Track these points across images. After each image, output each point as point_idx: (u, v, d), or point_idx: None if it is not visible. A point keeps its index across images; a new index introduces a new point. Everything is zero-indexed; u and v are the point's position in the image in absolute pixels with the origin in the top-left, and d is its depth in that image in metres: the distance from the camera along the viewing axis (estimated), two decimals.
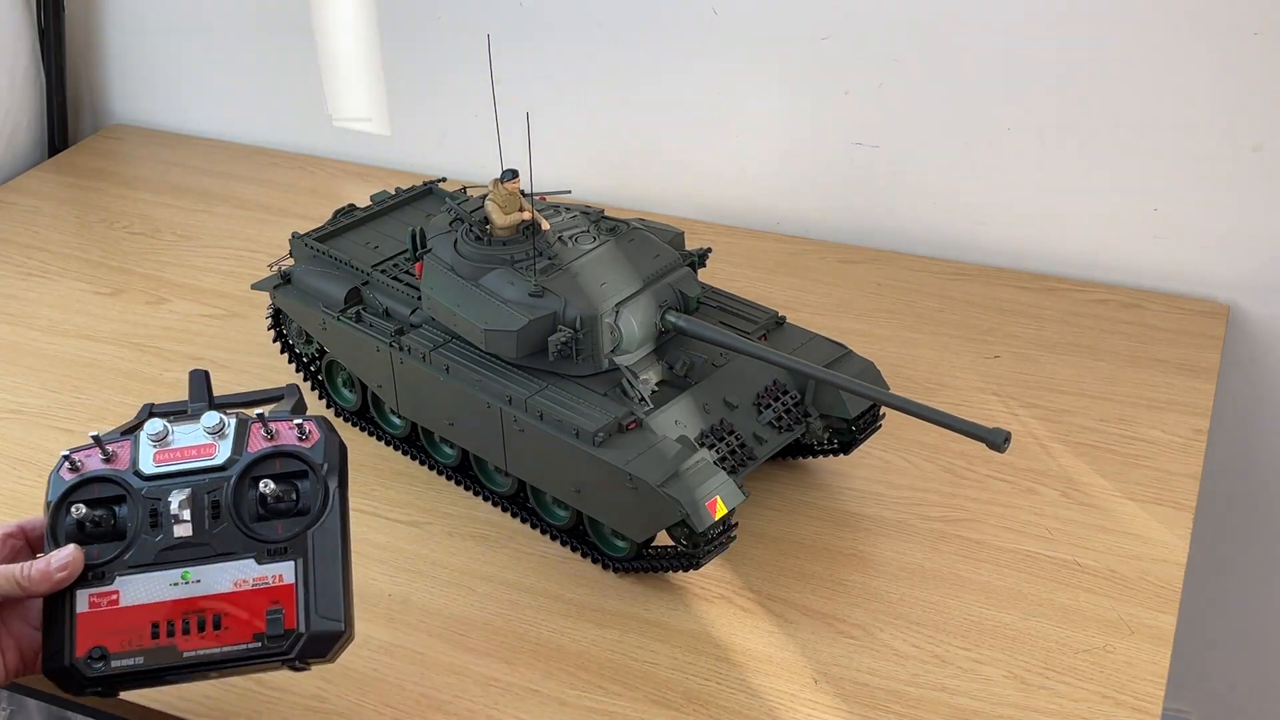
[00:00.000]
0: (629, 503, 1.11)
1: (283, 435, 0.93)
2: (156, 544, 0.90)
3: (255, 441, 0.93)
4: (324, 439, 0.93)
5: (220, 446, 0.92)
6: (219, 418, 0.93)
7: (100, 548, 0.90)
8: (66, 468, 0.92)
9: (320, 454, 0.92)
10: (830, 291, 1.60)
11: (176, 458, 0.92)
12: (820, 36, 1.60)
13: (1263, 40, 1.42)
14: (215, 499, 0.91)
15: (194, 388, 0.99)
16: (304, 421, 0.93)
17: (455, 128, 1.86)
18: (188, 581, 0.89)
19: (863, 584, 1.18)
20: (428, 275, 1.23)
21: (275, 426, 0.93)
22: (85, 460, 0.92)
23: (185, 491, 0.91)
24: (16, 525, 0.94)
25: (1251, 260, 1.53)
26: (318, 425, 0.93)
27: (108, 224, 1.83)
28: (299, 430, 0.93)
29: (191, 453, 0.92)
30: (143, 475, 0.92)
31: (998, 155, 1.59)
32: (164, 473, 0.92)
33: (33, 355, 1.54)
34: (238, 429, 0.93)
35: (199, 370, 1.00)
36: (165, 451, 0.93)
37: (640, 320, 1.17)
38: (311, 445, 0.92)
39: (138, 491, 0.91)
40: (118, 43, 2.05)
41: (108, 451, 0.93)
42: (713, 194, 1.76)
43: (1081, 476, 1.30)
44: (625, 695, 1.08)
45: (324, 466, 0.92)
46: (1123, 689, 1.07)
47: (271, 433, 0.93)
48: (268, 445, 0.92)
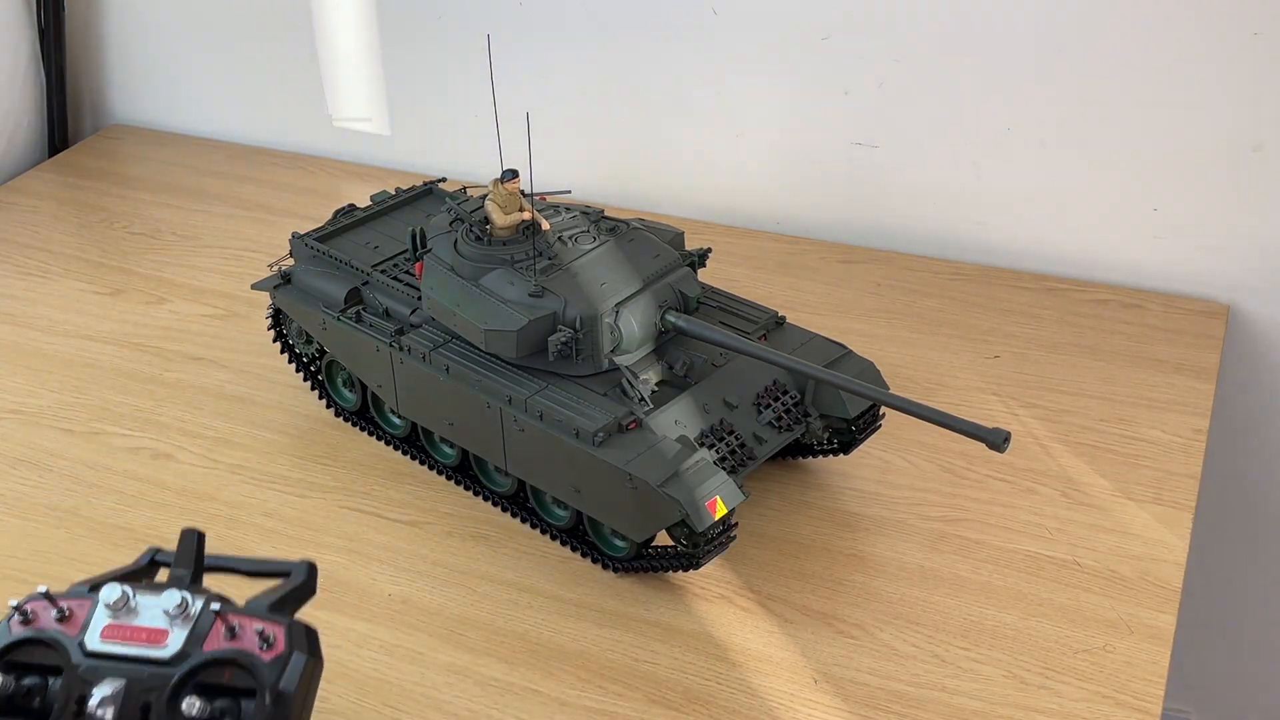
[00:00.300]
0: (629, 503, 1.11)
1: (244, 638, 0.77)
2: None
3: (214, 638, 0.77)
4: (286, 656, 0.76)
5: (173, 635, 0.77)
6: (181, 597, 0.78)
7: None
8: (18, 620, 0.79)
9: (275, 673, 0.75)
10: (830, 291, 1.60)
11: (125, 637, 0.78)
12: (820, 36, 1.60)
13: (1263, 40, 1.42)
14: (148, 700, 0.75)
15: (181, 550, 0.84)
16: (272, 626, 0.77)
17: (455, 128, 1.86)
18: None
19: (862, 584, 1.18)
20: (428, 275, 1.23)
21: (240, 623, 0.77)
22: (41, 613, 0.79)
23: (118, 683, 0.75)
24: None
25: (1251, 260, 1.53)
26: (290, 634, 0.77)
27: (108, 224, 1.83)
28: (261, 637, 0.76)
29: (141, 635, 0.78)
30: (85, 650, 0.78)
31: (998, 155, 1.59)
32: (106, 653, 0.77)
33: (33, 355, 1.54)
34: (200, 617, 0.78)
35: (192, 530, 0.85)
36: (117, 627, 0.78)
37: (640, 320, 1.17)
38: (270, 659, 0.76)
39: (75, 668, 0.77)
40: (118, 43, 2.05)
41: (62, 610, 0.79)
42: (713, 194, 1.76)
43: (1081, 476, 1.30)
44: (625, 695, 1.08)
45: (271, 692, 0.75)
46: (1122, 689, 1.07)
47: (234, 631, 0.77)
48: (224, 646, 0.77)
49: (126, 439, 1.40)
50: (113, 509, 1.30)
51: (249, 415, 1.42)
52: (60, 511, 1.30)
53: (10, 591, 1.20)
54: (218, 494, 1.32)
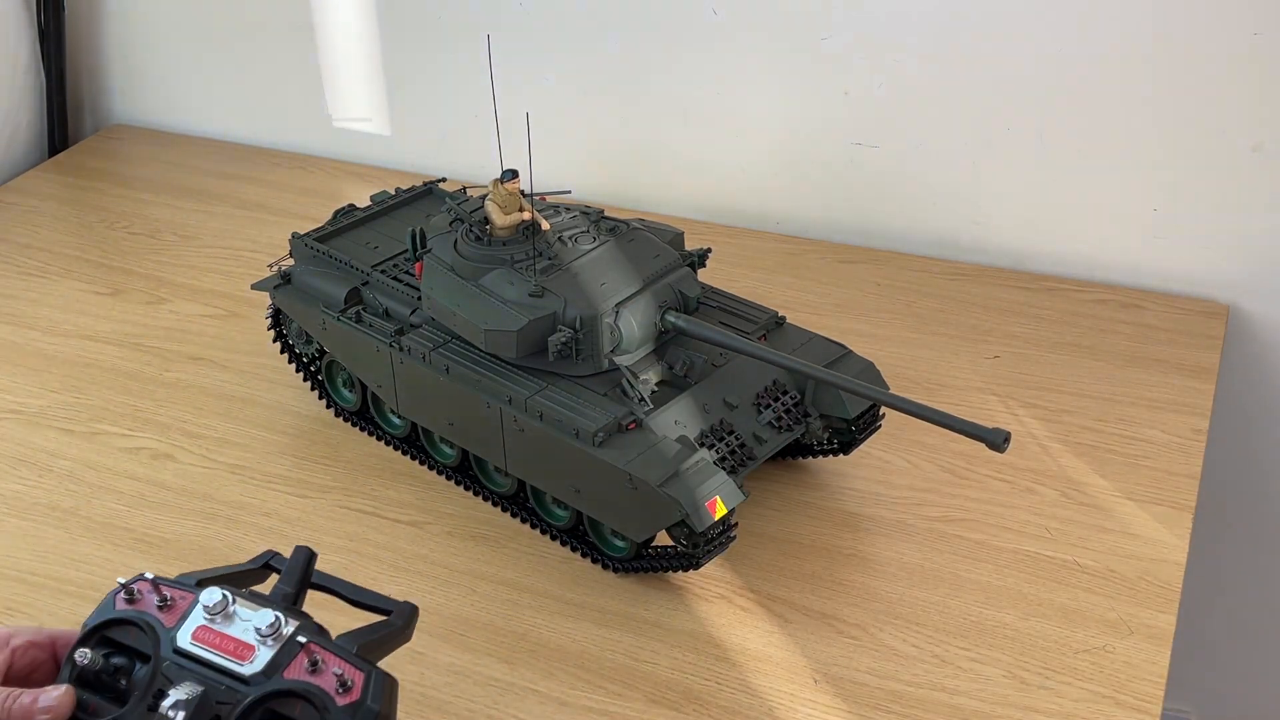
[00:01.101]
0: (629, 503, 1.11)
1: (324, 675, 0.76)
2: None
3: (295, 667, 0.77)
4: (360, 706, 0.75)
5: (259, 654, 0.77)
6: (275, 617, 0.78)
7: (99, 702, 0.78)
8: (123, 596, 0.80)
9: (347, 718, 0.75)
10: (830, 291, 1.60)
11: (214, 644, 0.78)
12: (820, 36, 1.60)
13: (1262, 40, 1.42)
14: (218, 714, 0.76)
15: (290, 567, 0.84)
16: (353, 671, 0.76)
17: (455, 128, 1.86)
18: None
19: (862, 584, 1.18)
20: (428, 275, 1.23)
21: (324, 659, 0.77)
22: (145, 595, 0.80)
23: (195, 689, 0.76)
24: (48, 636, 0.84)
25: (1251, 260, 1.53)
26: (369, 683, 0.76)
27: (108, 224, 1.83)
28: (340, 679, 0.76)
29: (229, 646, 0.78)
30: (175, 645, 0.78)
31: (997, 155, 1.59)
32: (193, 654, 0.78)
33: (32, 355, 1.54)
34: (288, 642, 0.77)
35: (304, 548, 0.85)
36: (209, 631, 0.79)
37: (640, 320, 1.17)
38: (343, 704, 0.75)
39: (161, 661, 0.78)
40: (118, 43, 2.05)
41: (165, 597, 0.80)
42: (712, 194, 1.76)
43: (1081, 476, 1.30)
44: (625, 695, 1.08)
45: None
46: (1122, 689, 1.07)
47: (316, 666, 0.77)
48: (302, 679, 0.76)
49: (126, 439, 1.40)
50: (113, 509, 1.30)
51: (249, 415, 1.43)
52: (60, 511, 1.30)
53: (10, 592, 1.20)
54: (218, 494, 1.32)
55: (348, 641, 0.80)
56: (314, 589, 0.85)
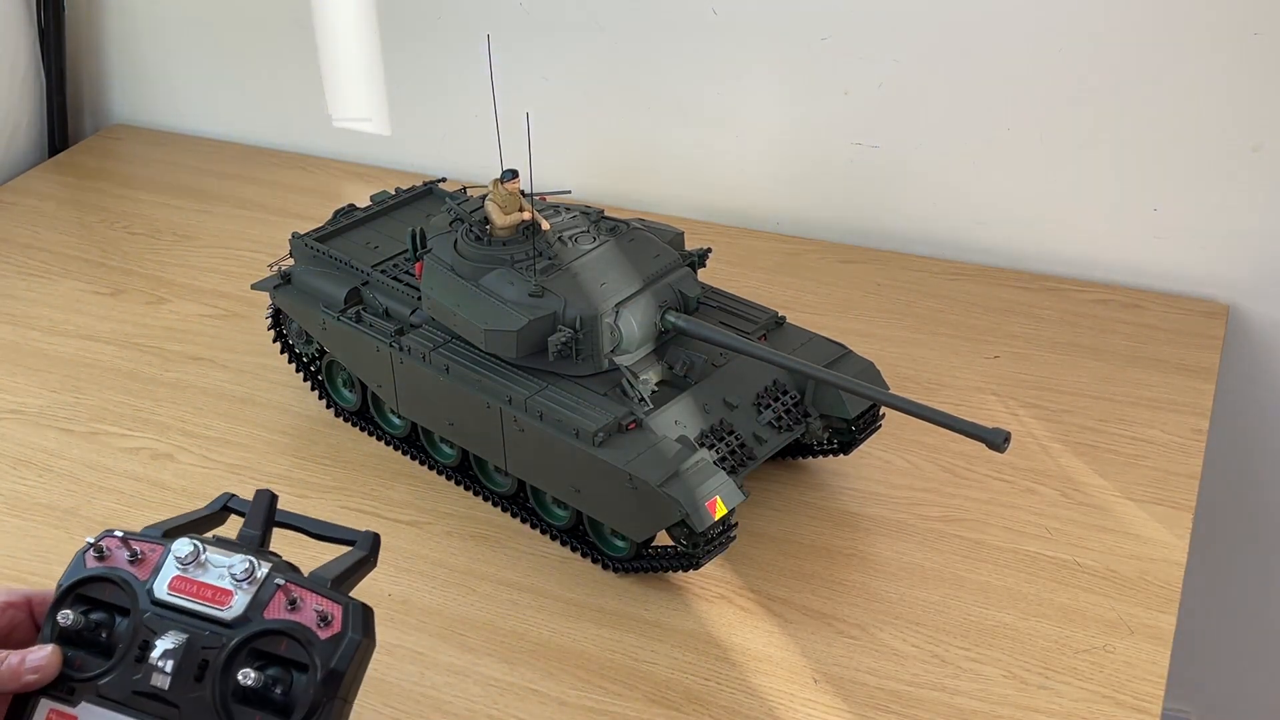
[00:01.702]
0: (629, 503, 1.11)
1: (303, 611, 0.78)
2: (133, 682, 0.77)
3: (275, 607, 0.78)
4: (344, 637, 0.77)
5: (237, 598, 0.78)
6: (249, 562, 0.79)
7: (84, 658, 0.79)
8: (93, 554, 0.81)
9: (329, 652, 0.76)
10: (830, 291, 1.60)
11: (191, 592, 0.79)
12: (820, 36, 1.60)
13: (1262, 40, 1.42)
14: (205, 659, 0.77)
15: (253, 511, 0.85)
16: (331, 604, 0.78)
17: (455, 128, 1.86)
18: None
19: (862, 584, 1.18)
20: (428, 275, 1.23)
21: (301, 596, 0.78)
22: (114, 552, 0.81)
23: (180, 638, 0.77)
24: (23, 595, 0.83)
25: (1251, 260, 1.53)
26: (347, 614, 0.78)
27: (108, 224, 1.83)
28: (320, 614, 0.77)
29: (207, 593, 0.79)
30: (153, 597, 0.79)
31: (997, 155, 1.59)
32: (172, 604, 0.79)
33: (33, 355, 1.54)
34: (265, 583, 0.79)
35: (265, 491, 0.86)
36: (185, 580, 0.79)
37: (640, 320, 1.17)
38: (326, 638, 0.77)
39: (141, 613, 0.79)
40: (118, 43, 2.05)
41: (135, 551, 0.81)
42: (712, 194, 1.76)
43: (1081, 476, 1.30)
44: (625, 695, 1.08)
45: (323, 670, 0.76)
46: (1122, 689, 1.07)
47: (295, 604, 0.78)
48: (283, 617, 0.78)
49: (126, 439, 1.40)
50: (112, 509, 1.30)
51: (249, 415, 1.43)
52: (60, 511, 1.30)
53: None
54: (217, 494, 1.31)
55: (322, 575, 0.81)
56: (279, 528, 0.87)
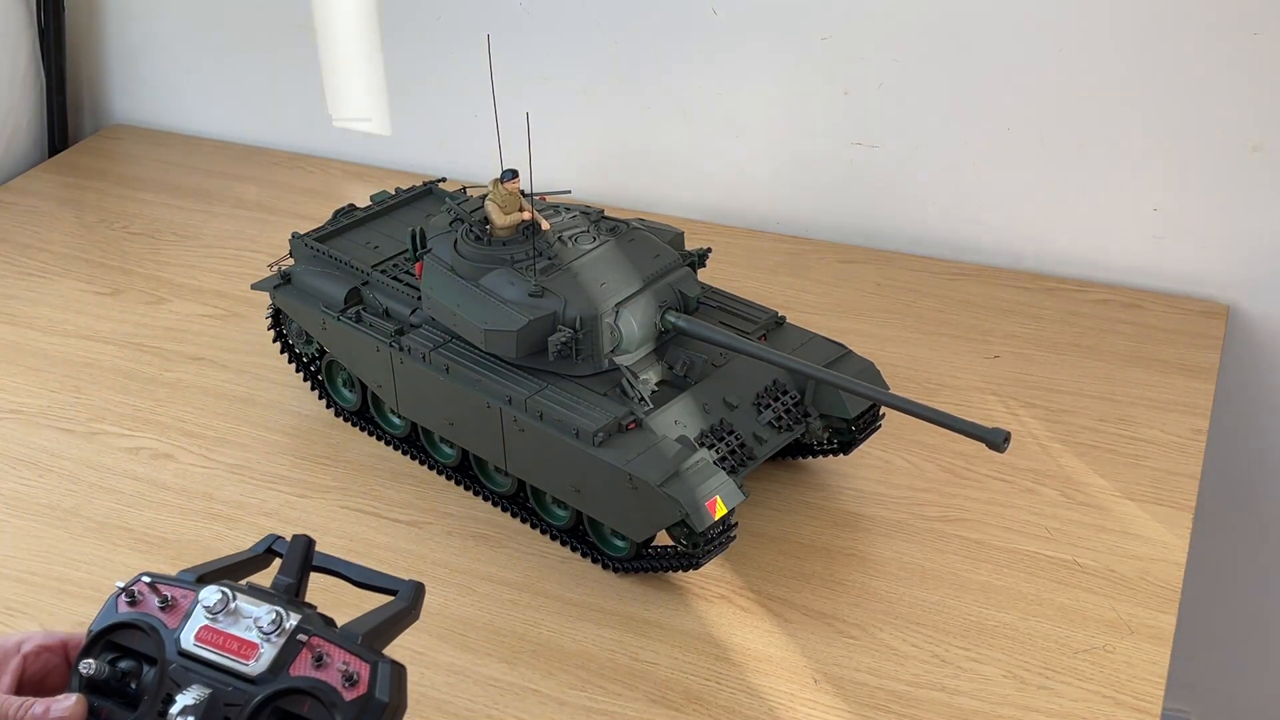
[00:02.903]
0: (629, 502, 1.11)
1: (329, 669, 0.75)
2: None
3: (301, 663, 0.76)
4: (369, 699, 0.74)
5: (263, 652, 0.76)
6: (276, 614, 0.77)
7: (112, 709, 0.77)
8: (125, 599, 0.79)
9: (352, 715, 0.74)
10: (830, 291, 1.60)
11: (217, 644, 0.77)
12: (820, 36, 1.60)
13: (1262, 40, 1.42)
14: (228, 715, 0.75)
15: (289, 557, 0.82)
16: (359, 663, 0.75)
17: (455, 128, 1.86)
18: None
19: (862, 584, 1.18)
20: (428, 275, 1.23)
21: (329, 653, 0.76)
22: (146, 597, 0.79)
23: (202, 693, 0.75)
24: (59, 640, 0.82)
25: (1251, 260, 1.53)
26: (374, 674, 0.75)
27: (107, 224, 1.83)
28: (345, 674, 0.75)
29: (232, 645, 0.77)
30: (179, 647, 0.77)
31: (997, 155, 1.59)
32: (197, 655, 0.77)
33: (32, 355, 1.54)
34: (291, 638, 0.76)
35: (302, 537, 0.83)
36: (212, 631, 0.77)
37: (640, 320, 1.17)
38: (351, 699, 0.74)
39: (168, 664, 0.77)
40: (118, 43, 2.05)
41: (166, 597, 0.79)
42: (712, 194, 1.76)
43: (1081, 476, 1.30)
44: (625, 695, 1.08)
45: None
46: (1122, 689, 1.07)
47: (321, 660, 0.75)
48: (308, 674, 0.75)
49: (126, 439, 1.40)
50: (112, 509, 1.30)
51: (249, 415, 1.42)
52: (60, 511, 1.30)
53: (10, 592, 1.20)
54: (218, 494, 1.32)
55: (354, 629, 0.78)
56: (318, 572, 0.84)
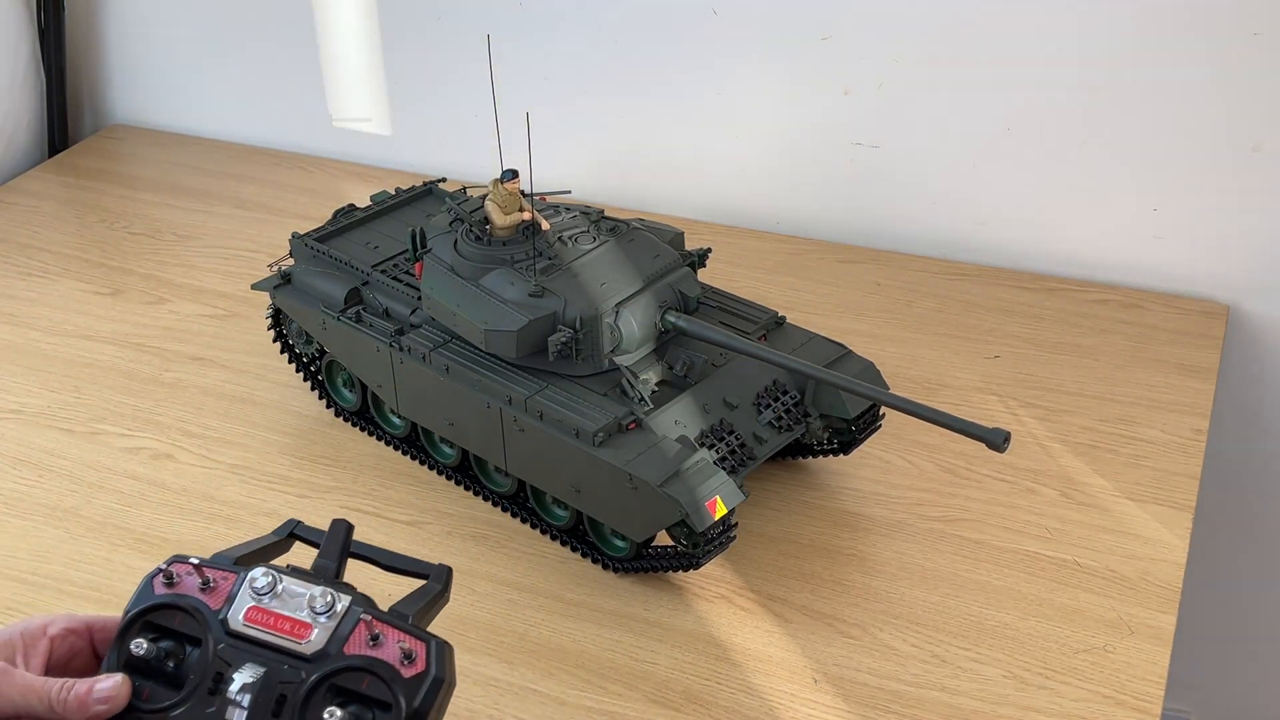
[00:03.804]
0: (629, 503, 1.11)
1: (386, 648, 0.75)
2: (205, 715, 0.74)
3: (356, 642, 0.75)
4: (427, 676, 0.75)
5: (316, 631, 0.76)
6: (330, 595, 0.77)
7: (154, 689, 0.76)
8: (162, 580, 0.78)
9: (413, 692, 0.74)
10: (830, 291, 1.60)
11: (268, 624, 0.76)
12: (820, 36, 1.60)
13: (1262, 40, 1.42)
14: (284, 693, 0.74)
15: (329, 541, 0.83)
16: (415, 641, 0.76)
17: (455, 128, 1.86)
18: None
19: (862, 584, 1.18)
20: (428, 275, 1.23)
21: (384, 633, 0.76)
22: (185, 579, 0.78)
23: (257, 671, 0.75)
24: (84, 623, 0.81)
25: (1251, 260, 1.53)
26: (430, 652, 0.76)
27: (108, 224, 1.83)
28: (404, 652, 0.75)
29: (285, 625, 0.76)
30: (227, 628, 0.76)
31: (998, 155, 1.59)
32: (248, 635, 0.76)
33: (32, 355, 1.54)
34: (345, 617, 0.76)
35: (341, 521, 0.84)
36: (261, 611, 0.77)
37: (640, 320, 1.17)
38: (410, 677, 0.75)
39: (215, 644, 0.76)
40: (118, 43, 2.05)
41: (207, 579, 0.78)
42: (712, 194, 1.76)
43: (1081, 476, 1.30)
44: (625, 695, 1.08)
45: (407, 710, 0.74)
46: (1122, 689, 1.07)
47: (377, 639, 0.76)
48: (365, 653, 0.75)
49: (126, 439, 1.40)
50: (112, 509, 1.30)
51: (249, 415, 1.42)
52: (60, 511, 1.30)
53: (10, 592, 1.20)
54: (218, 494, 1.32)
55: (402, 610, 0.79)
56: (351, 558, 0.84)
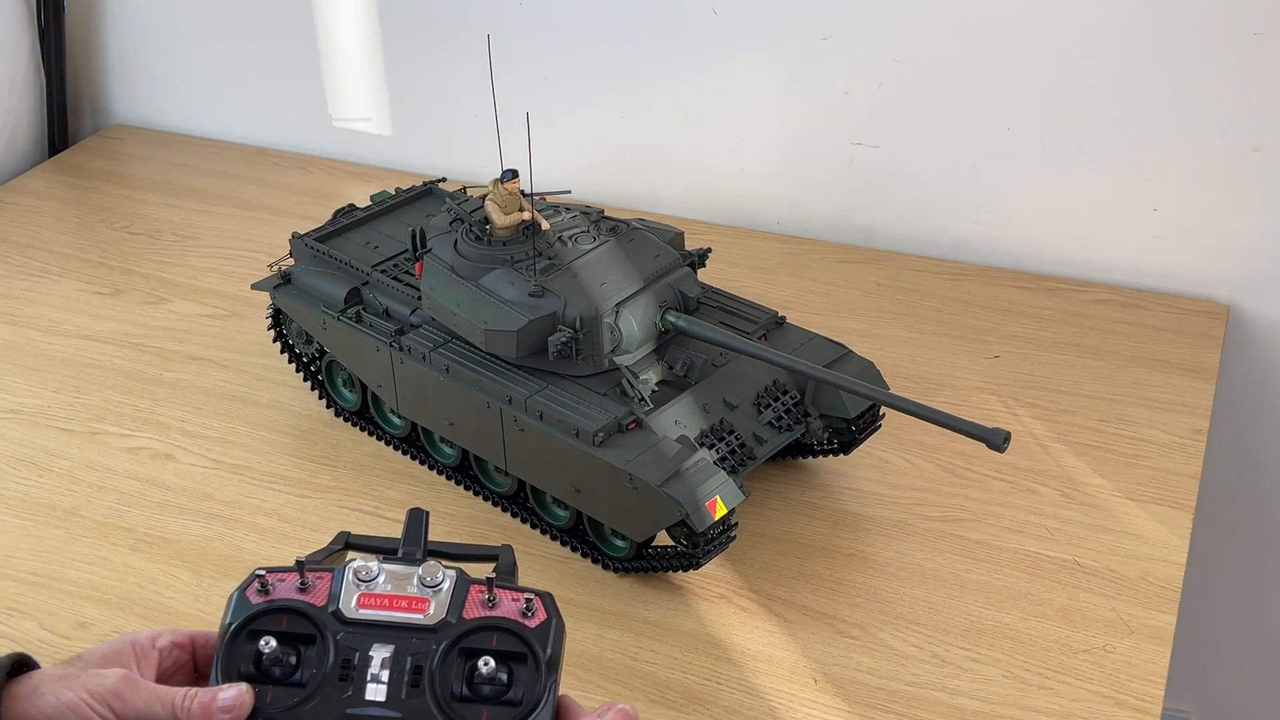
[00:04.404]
0: (629, 503, 1.11)
1: (504, 607, 0.78)
2: (342, 702, 0.74)
3: (473, 607, 0.78)
4: (552, 622, 0.78)
5: (433, 603, 0.78)
6: (438, 570, 0.79)
7: (276, 692, 0.76)
8: (256, 588, 0.78)
9: (546, 640, 0.77)
10: (830, 291, 1.60)
11: (383, 606, 0.78)
12: (821, 36, 1.60)
13: (1262, 40, 1.42)
14: (418, 664, 0.76)
15: (409, 528, 0.85)
16: (533, 596, 0.78)
17: (455, 128, 1.86)
18: None
19: (863, 584, 1.18)
20: (428, 275, 1.23)
21: (498, 594, 0.78)
22: (278, 585, 0.79)
23: (388, 649, 0.76)
24: (188, 636, 0.82)
25: (1251, 260, 1.53)
26: (545, 603, 0.79)
27: (107, 224, 1.83)
28: (525, 605, 0.78)
29: (401, 604, 0.78)
30: (342, 618, 0.77)
31: (998, 155, 1.59)
32: (366, 620, 0.77)
33: (32, 355, 1.54)
34: (456, 587, 0.79)
35: (419, 510, 0.86)
36: (371, 596, 0.78)
37: (640, 320, 1.17)
38: (536, 626, 0.77)
39: (333, 636, 0.77)
40: (118, 42, 2.05)
41: (306, 580, 0.79)
42: (712, 194, 1.76)
43: (1081, 476, 1.30)
44: (625, 695, 1.08)
45: (547, 655, 0.76)
46: (1122, 689, 1.07)
47: (493, 600, 0.78)
48: (486, 614, 0.78)
49: (126, 439, 1.40)
50: (112, 509, 1.30)
51: (249, 415, 1.42)
52: (60, 511, 1.30)
53: (10, 592, 1.20)
54: (218, 494, 1.32)
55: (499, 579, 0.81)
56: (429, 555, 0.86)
